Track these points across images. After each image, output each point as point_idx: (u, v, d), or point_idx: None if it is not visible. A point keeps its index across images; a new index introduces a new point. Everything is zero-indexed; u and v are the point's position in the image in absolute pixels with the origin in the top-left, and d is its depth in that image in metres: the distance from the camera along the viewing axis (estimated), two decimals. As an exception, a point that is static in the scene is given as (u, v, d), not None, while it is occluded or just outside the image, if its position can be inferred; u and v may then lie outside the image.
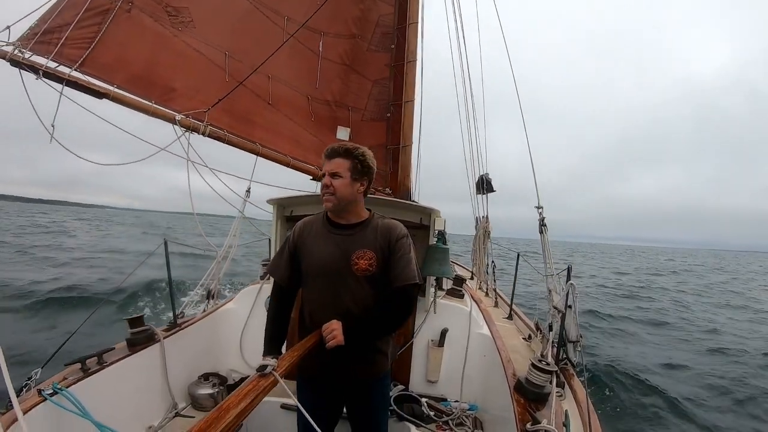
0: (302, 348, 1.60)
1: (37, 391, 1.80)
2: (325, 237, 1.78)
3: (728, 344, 9.01)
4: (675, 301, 15.29)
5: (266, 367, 1.35)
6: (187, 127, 3.15)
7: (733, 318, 12.67)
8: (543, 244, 3.37)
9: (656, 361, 7.46)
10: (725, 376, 6.87)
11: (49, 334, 6.37)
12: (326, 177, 1.70)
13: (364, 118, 4.33)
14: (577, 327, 2.49)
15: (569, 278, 2.51)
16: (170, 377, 2.63)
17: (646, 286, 19.59)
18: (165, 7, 3.21)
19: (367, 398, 1.89)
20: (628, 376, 6.26)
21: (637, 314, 11.92)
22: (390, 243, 1.74)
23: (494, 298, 4.57)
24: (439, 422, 2.64)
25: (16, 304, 7.82)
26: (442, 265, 3.03)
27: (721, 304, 15.69)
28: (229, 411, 1.06)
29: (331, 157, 1.71)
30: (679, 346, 8.83)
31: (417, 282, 1.70)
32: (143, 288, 9.45)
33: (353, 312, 1.71)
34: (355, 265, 1.70)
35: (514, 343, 3.03)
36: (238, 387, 1.23)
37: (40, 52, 2.67)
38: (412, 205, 3.39)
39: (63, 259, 14.17)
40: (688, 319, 11.87)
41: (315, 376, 1.84)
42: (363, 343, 1.73)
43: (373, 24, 4.32)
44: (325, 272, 1.74)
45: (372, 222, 1.80)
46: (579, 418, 2.02)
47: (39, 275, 10.61)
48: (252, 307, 3.30)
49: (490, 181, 5.35)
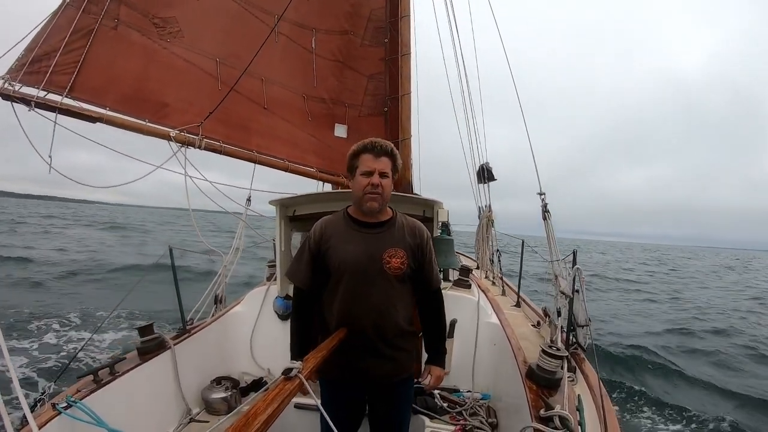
0: (326, 348, 1.58)
1: (51, 405, 1.81)
2: (353, 236, 1.73)
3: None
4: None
5: (292, 369, 1.32)
6: (182, 143, 3.12)
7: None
8: (547, 230, 3.36)
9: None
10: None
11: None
12: (375, 176, 1.63)
13: (361, 113, 4.32)
14: (585, 311, 2.48)
15: (575, 263, 2.50)
16: (183, 383, 2.64)
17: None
18: (152, 19, 3.16)
19: (390, 399, 1.86)
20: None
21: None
22: (421, 243, 1.77)
23: (501, 286, 4.56)
24: (453, 413, 2.64)
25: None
26: (447, 256, 3.03)
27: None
28: (257, 417, 1.04)
29: (379, 155, 1.65)
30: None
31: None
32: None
33: (382, 311, 1.70)
34: (387, 264, 1.68)
35: (523, 330, 3.02)
36: (263, 391, 1.20)
37: (30, 82, 2.63)
38: (415, 198, 3.38)
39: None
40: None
41: (340, 378, 1.80)
42: (389, 343, 1.75)
43: (365, 18, 4.29)
44: (355, 271, 1.69)
45: (398, 220, 1.79)
46: (592, 402, 2.01)
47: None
48: (260, 308, 3.30)
49: (491, 170, 5.33)
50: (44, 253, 16.65)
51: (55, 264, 14.11)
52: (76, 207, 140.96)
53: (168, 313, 7.15)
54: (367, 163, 1.65)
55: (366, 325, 1.70)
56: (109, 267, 13.98)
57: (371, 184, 1.63)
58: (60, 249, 18.11)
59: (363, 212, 1.73)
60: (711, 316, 12.39)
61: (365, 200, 1.66)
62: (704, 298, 16.51)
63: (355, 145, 1.71)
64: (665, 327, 10.33)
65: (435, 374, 1.88)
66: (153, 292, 6.18)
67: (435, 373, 1.88)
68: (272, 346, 3.21)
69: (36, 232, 27.26)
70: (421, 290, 1.83)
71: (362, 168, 1.65)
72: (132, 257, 16.65)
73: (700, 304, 14.69)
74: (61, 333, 7.22)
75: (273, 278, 3.41)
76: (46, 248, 18.19)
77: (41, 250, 17.52)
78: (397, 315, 1.73)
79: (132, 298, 4.14)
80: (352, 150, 1.70)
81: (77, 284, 11.53)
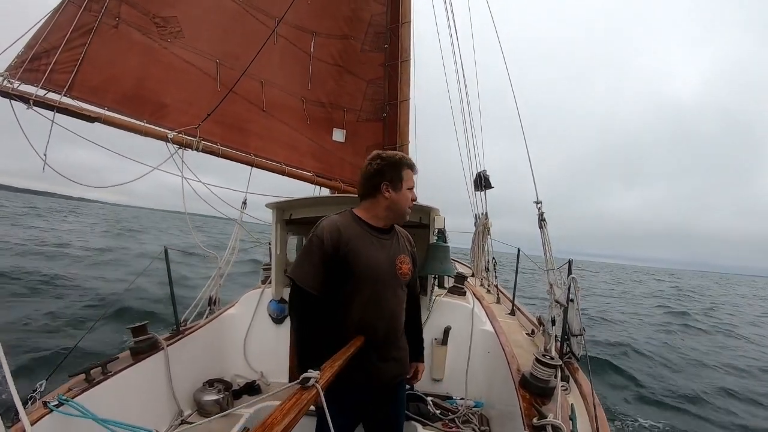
0: (343, 356, 1.54)
1: (43, 403, 1.79)
2: (372, 241, 1.74)
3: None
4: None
5: (309, 379, 1.28)
6: (179, 144, 3.12)
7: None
8: (543, 239, 3.37)
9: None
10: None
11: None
12: (412, 191, 1.80)
13: (359, 118, 4.33)
14: (579, 320, 2.49)
15: (570, 272, 2.51)
16: (175, 385, 2.62)
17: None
18: (153, 18, 3.16)
19: (393, 400, 1.90)
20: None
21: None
22: (414, 251, 1.93)
23: (496, 294, 4.57)
24: (446, 420, 2.64)
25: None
26: (443, 263, 3.03)
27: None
28: (274, 427, 1.01)
29: (416, 171, 1.82)
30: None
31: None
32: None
33: (397, 315, 1.81)
34: (400, 270, 1.78)
35: (517, 338, 3.03)
36: (282, 402, 1.15)
37: (29, 80, 2.63)
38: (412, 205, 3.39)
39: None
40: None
41: (349, 381, 1.70)
42: (397, 345, 1.85)
43: (366, 24, 4.32)
44: (376, 276, 1.71)
45: (396, 228, 1.90)
46: (585, 411, 2.02)
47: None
48: (254, 311, 3.29)
49: (488, 178, 5.35)
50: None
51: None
52: (63, 203, 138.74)
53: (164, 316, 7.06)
54: (411, 179, 1.79)
55: (380, 328, 1.74)
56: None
57: (413, 199, 1.80)
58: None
59: (396, 220, 1.84)
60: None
61: (406, 213, 1.82)
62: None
63: (393, 157, 1.77)
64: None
65: (420, 369, 2.07)
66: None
67: (420, 368, 2.07)
68: (265, 350, 3.20)
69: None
70: (411, 294, 1.94)
71: (409, 183, 1.78)
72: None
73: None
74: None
75: (268, 281, 3.40)
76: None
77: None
78: (403, 318, 1.86)
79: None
80: (394, 160, 1.76)
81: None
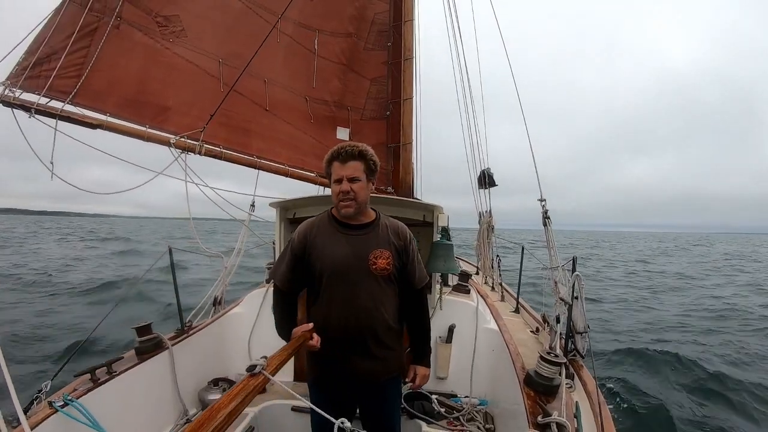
0: (291, 347, 1.61)
1: (48, 403, 1.81)
2: (338, 237, 1.76)
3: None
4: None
5: (255, 366, 1.36)
6: (182, 149, 3.10)
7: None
8: (547, 236, 3.35)
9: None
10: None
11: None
12: (344, 183, 1.68)
13: (363, 117, 4.32)
14: (584, 318, 2.48)
15: (575, 269, 2.49)
16: (180, 384, 2.64)
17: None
18: (155, 17, 3.12)
19: (381, 397, 1.88)
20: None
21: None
22: (405, 244, 1.82)
23: (500, 292, 4.56)
24: (450, 418, 2.64)
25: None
26: (447, 261, 3.02)
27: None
28: (220, 411, 1.08)
29: (345, 160, 1.68)
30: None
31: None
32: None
33: (371, 310, 1.74)
34: (374, 265, 1.72)
35: (522, 336, 3.01)
36: (231, 388, 1.24)
37: (31, 88, 2.59)
38: (415, 203, 3.38)
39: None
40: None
41: (329, 377, 1.83)
42: (378, 342, 1.77)
43: (369, 22, 4.30)
44: (341, 272, 1.72)
45: (381, 221, 1.83)
46: (590, 409, 2.01)
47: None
48: (259, 310, 3.30)
49: (492, 176, 5.34)
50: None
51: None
52: (90, 222, 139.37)
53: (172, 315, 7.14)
54: (336, 171, 1.70)
55: (354, 325, 1.72)
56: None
57: (341, 191, 1.69)
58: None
59: (344, 215, 1.78)
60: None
61: (340, 207, 1.74)
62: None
63: (330, 152, 1.74)
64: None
65: (420, 373, 1.95)
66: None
67: (420, 372, 1.95)
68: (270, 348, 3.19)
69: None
70: (405, 289, 1.87)
71: (333, 176, 1.72)
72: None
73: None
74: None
75: (271, 280, 3.40)
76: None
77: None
78: (386, 314, 1.78)
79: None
80: (325, 158, 1.75)
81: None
